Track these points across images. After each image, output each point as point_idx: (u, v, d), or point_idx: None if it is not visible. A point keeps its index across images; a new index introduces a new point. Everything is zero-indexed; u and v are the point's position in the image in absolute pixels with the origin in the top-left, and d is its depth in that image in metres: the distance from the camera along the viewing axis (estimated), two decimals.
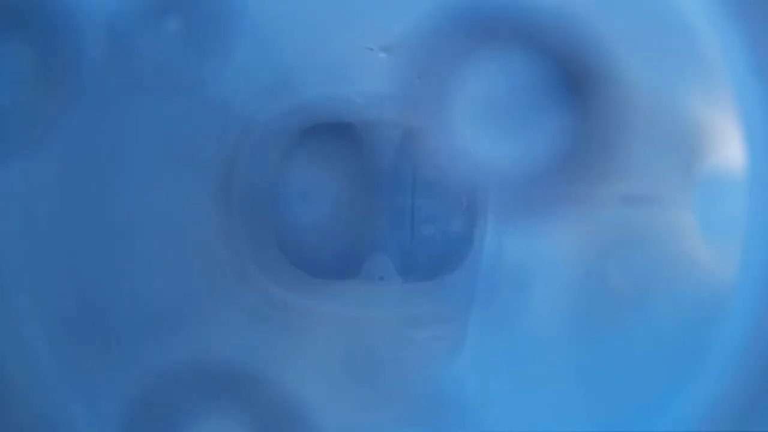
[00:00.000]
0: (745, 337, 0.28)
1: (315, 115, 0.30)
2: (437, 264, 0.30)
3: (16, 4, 0.29)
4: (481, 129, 0.30)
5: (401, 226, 0.30)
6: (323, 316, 0.30)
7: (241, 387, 0.28)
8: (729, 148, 0.28)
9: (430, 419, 0.29)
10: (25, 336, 0.28)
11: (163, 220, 0.29)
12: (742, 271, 0.28)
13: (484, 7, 0.29)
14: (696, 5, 0.28)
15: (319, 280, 0.30)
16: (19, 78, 0.28)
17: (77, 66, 0.28)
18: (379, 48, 0.30)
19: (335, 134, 0.30)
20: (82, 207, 0.29)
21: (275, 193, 0.30)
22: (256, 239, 0.30)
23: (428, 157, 0.30)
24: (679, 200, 0.28)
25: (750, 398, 0.27)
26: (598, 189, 0.28)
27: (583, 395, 0.28)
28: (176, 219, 0.29)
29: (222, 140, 0.29)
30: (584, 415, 0.28)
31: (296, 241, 0.30)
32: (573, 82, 0.28)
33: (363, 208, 0.30)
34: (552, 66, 0.28)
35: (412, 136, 0.30)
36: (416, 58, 0.30)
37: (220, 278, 0.30)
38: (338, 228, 0.30)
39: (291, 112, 0.30)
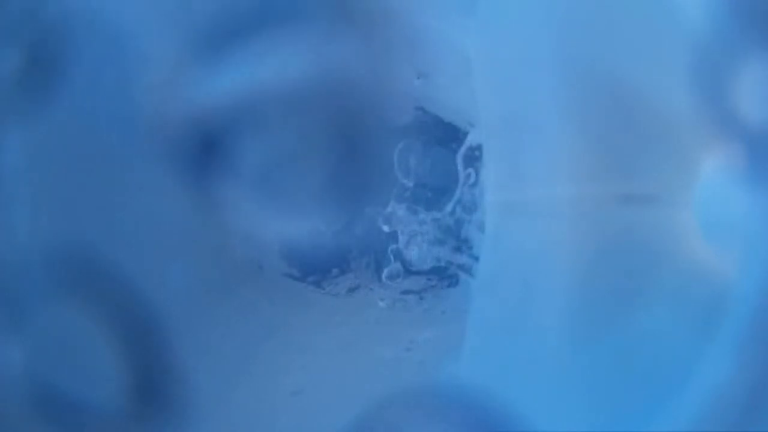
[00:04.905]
0: (745, 337, 0.27)
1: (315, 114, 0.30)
2: (437, 265, 0.30)
3: None
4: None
5: (399, 227, 0.30)
6: (323, 317, 0.30)
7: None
8: (729, 148, 0.28)
9: (431, 419, 0.29)
10: None
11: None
12: (742, 270, 0.28)
13: None
14: (698, 7, 0.28)
15: (317, 282, 0.30)
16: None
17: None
18: (379, 48, 0.30)
19: (333, 134, 0.30)
20: (79, 193, 0.29)
21: (272, 193, 0.30)
22: (254, 240, 0.30)
23: (428, 157, 0.30)
24: (679, 200, 0.28)
25: (750, 398, 0.27)
26: (598, 189, 0.28)
27: (583, 395, 0.28)
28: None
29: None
30: (584, 414, 0.28)
31: (295, 243, 0.30)
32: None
33: (364, 206, 0.30)
34: None
35: (412, 137, 0.30)
36: (416, 57, 0.30)
37: (223, 277, 0.30)
38: (337, 229, 0.30)
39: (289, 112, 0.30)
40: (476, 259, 0.30)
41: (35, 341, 0.28)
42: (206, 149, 0.30)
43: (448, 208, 0.30)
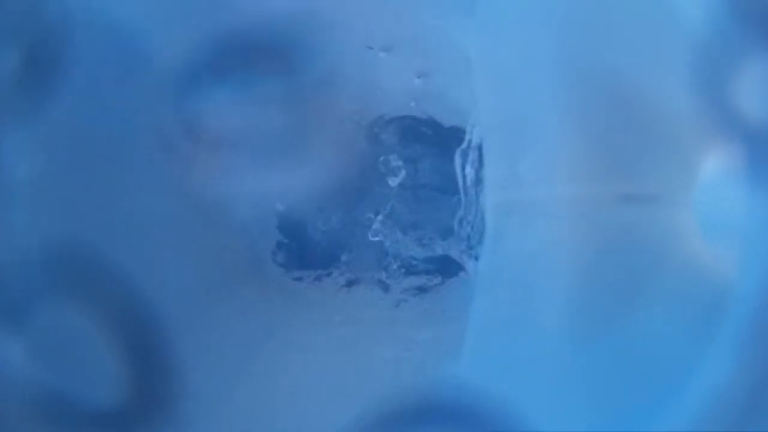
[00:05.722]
0: (744, 336, 0.27)
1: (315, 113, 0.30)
2: (437, 264, 0.30)
3: None
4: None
5: (399, 227, 0.30)
6: (323, 317, 0.30)
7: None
8: (729, 148, 0.28)
9: (431, 419, 0.29)
10: None
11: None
12: (741, 270, 0.28)
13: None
14: (698, 8, 0.28)
15: (317, 282, 0.30)
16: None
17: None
18: (379, 48, 0.30)
19: (334, 133, 0.30)
20: (78, 198, 0.29)
21: (275, 193, 0.30)
22: (253, 240, 0.30)
23: (428, 156, 0.30)
24: (679, 200, 0.28)
25: (750, 397, 0.27)
26: (598, 189, 0.28)
27: (583, 394, 0.28)
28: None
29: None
30: (584, 414, 0.28)
31: (295, 243, 0.30)
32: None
33: (364, 206, 0.30)
34: None
35: (411, 137, 0.30)
36: (416, 57, 0.30)
37: (223, 277, 0.30)
38: (337, 230, 0.30)
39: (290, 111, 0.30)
40: (476, 259, 0.30)
41: (35, 341, 0.28)
42: (206, 149, 0.30)
43: (448, 208, 0.30)
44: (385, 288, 0.30)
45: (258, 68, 0.30)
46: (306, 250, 0.30)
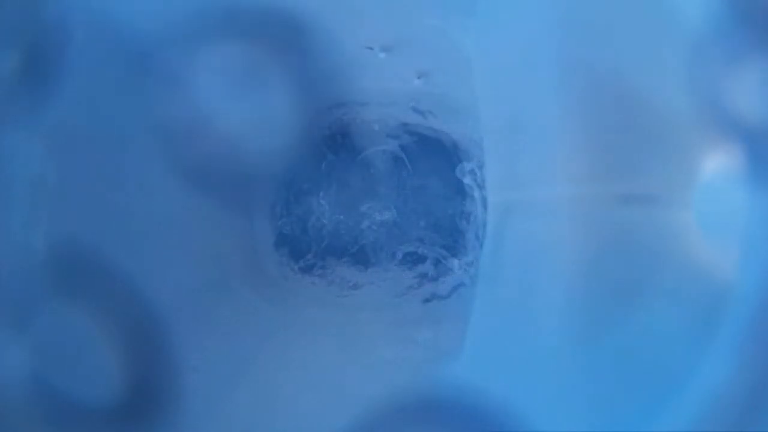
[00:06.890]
0: (744, 336, 0.27)
1: (316, 115, 0.30)
2: (438, 264, 0.30)
3: None
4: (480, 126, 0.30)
5: (399, 227, 0.30)
6: (323, 317, 0.30)
7: None
8: (729, 148, 0.28)
9: (431, 419, 0.29)
10: None
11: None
12: (741, 270, 0.28)
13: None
14: (698, 8, 0.28)
15: (317, 282, 0.30)
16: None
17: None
18: (379, 48, 0.30)
19: (334, 133, 0.30)
20: (78, 194, 0.29)
21: (276, 192, 0.30)
22: (253, 240, 0.30)
23: (428, 156, 0.30)
24: (679, 200, 0.28)
25: (750, 397, 0.27)
26: (598, 189, 0.28)
27: (584, 395, 0.28)
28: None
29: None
30: (584, 414, 0.28)
31: (296, 242, 0.30)
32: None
33: (364, 206, 0.30)
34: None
35: (411, 137, 0.31)
36: (416, 57, 0.30)
37: (223, 277, 0.30)
38: (337, 230, 0.30)
39: (292, 112, 0.30)
40: (476, 259, 0.30)
41: (36, 341, 0.28)
42: (205, 149, 0.30)
43: (449, 208, 0.30)
44: (386, 288, 0.30)
45: (258, 69, 0.30)
46: (306, 249, 0.30)
